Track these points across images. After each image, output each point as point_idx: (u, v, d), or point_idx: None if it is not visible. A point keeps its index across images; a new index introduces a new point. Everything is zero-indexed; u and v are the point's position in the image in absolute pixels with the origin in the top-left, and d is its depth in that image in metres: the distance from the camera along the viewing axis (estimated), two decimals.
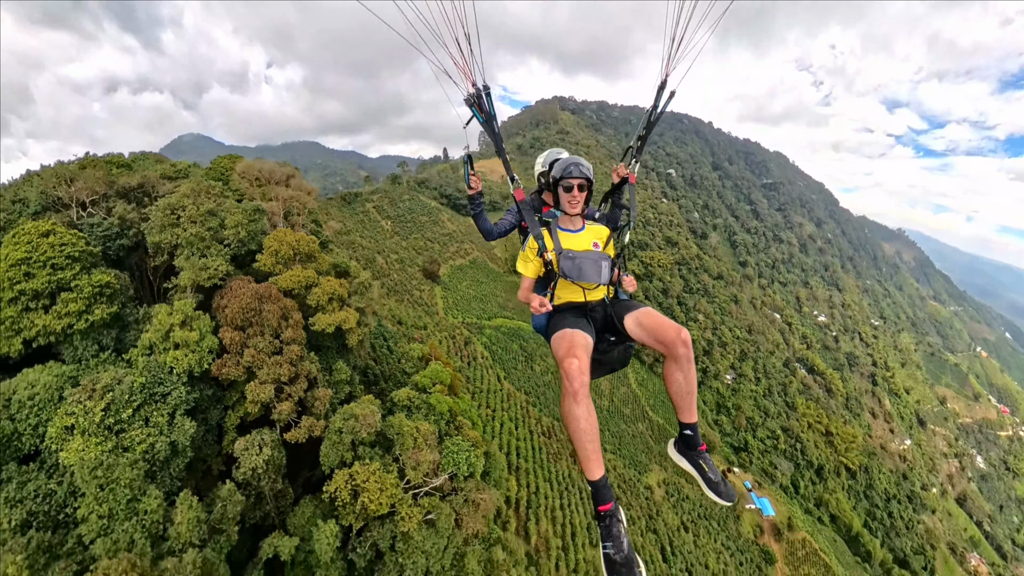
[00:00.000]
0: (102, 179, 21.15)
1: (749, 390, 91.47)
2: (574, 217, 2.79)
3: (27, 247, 14.65)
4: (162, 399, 13.09)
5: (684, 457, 2.47)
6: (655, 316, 2.45)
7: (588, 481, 2.11)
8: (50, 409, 11.80)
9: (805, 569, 56.83)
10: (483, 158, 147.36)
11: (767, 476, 75.39)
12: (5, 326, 13.86)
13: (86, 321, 14.59)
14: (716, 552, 44.98)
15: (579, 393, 2.03)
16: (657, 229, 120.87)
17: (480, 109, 2.41)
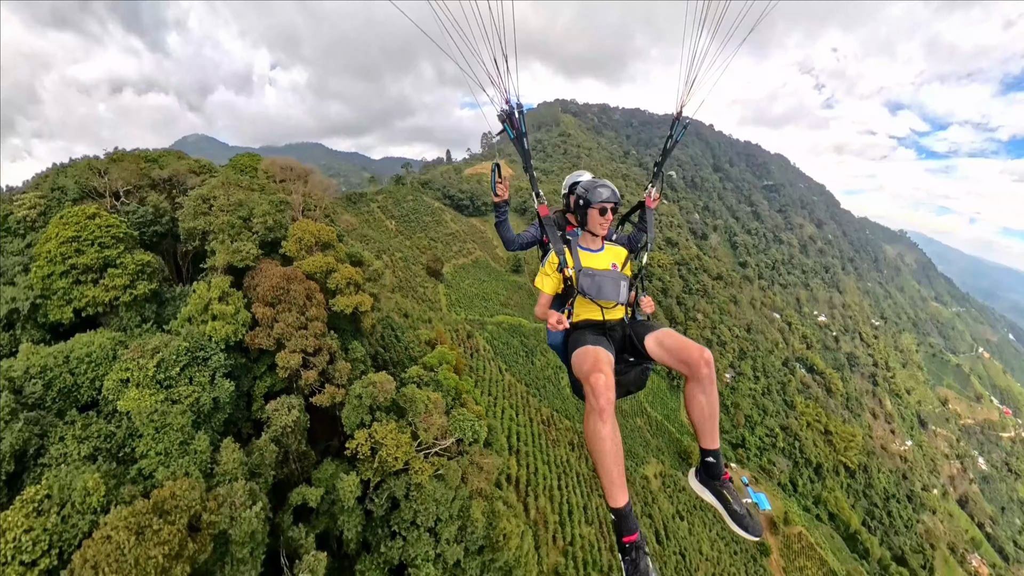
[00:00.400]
0: (135, 171, 23.22)
1: (748, 388, 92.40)
2: (595, 237, 2.82)
3: (76, 227, 16.62)
4: (203, 362, 14.95)
5: (707, 488, 2.33)
6: (677, 337, 2.41)
7: (611, 509, 1.99)
8: (106, 366, 13.66)
9: (800, 562, 57.75)
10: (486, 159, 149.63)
11: (764, 472, 76.28)
12: (58, 296, 15.78)
13: (130, 295, 16.52)
14: (710, 540, 46.19)
15: (605, 411, 1.95)
16: (657, 230, 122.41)
17: (512, 125, 2.47)
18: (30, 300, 14.83)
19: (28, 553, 8.30)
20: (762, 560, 53.24)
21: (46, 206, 20.66)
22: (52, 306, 15.20)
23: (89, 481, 9.86)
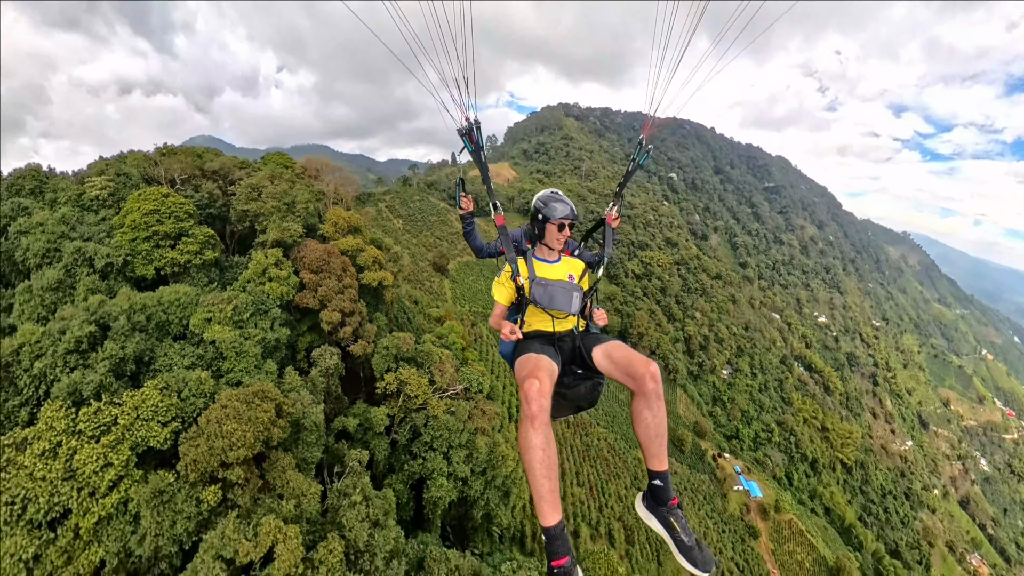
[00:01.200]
0: (189, 164, 28.02)
1: (745, 384, 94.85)
2: (551, 249, 2.88)
3: (155, 202, 21.19)
4: (264, 313, 19.39)
5: (653, 514, 2.19)
6: (624, 349, 2.37)
7: (542, 528, 1.87)
8: (191, 309, 18.04)
9: (790, 547, 60.40)
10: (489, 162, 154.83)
11: (759, 464, 78.62)
12: (142, 256, 20.29)
13: (200, 259, 21.07)
14: (698, 518, 49.44)
15: (537, 418, 1.87)
16: (657, 230, 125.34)
17: (471, 140, 2.57)
18: (121, 257, 19.34)
19: (163, 416, 12.49)
20: (750, 542, 56.17)
21: (114, 188, 25.27)
22: (138, 263, 19.72)
23: (201, 375, 14.24)
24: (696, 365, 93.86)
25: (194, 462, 10.48)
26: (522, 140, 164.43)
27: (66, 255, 17.76)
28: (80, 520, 9.36)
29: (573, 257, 3.04)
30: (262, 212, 23.79)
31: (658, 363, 26.99)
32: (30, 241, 18.38)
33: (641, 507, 2.28)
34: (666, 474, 2.18)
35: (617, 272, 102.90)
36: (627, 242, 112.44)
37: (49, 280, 16.76)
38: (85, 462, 9.72)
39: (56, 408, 10.71)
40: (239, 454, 10.98)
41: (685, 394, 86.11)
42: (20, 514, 9.11)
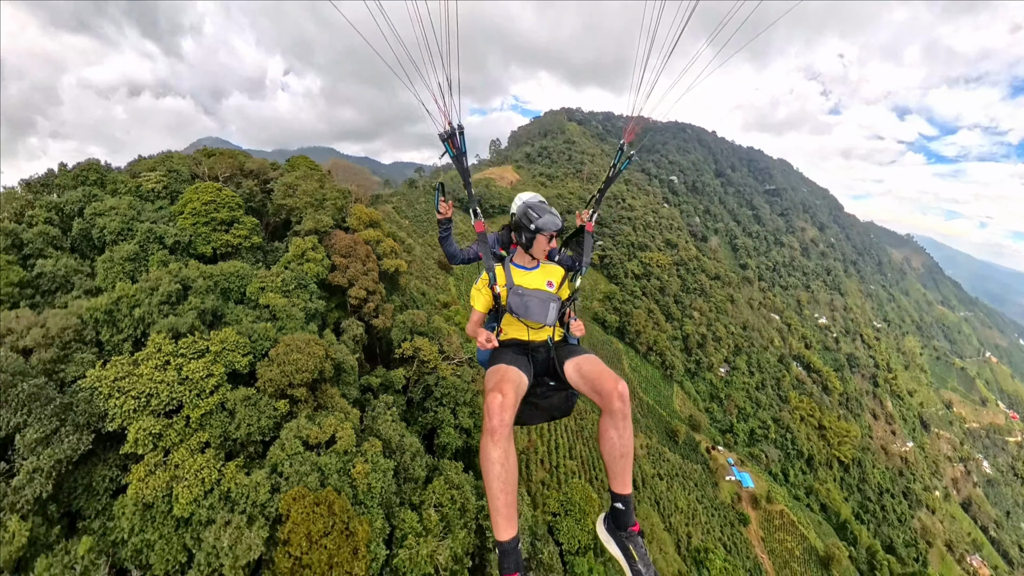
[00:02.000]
0: (231, 164, 32.23)
1: (742, 382, 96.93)
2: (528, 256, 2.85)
3: (211, 194, 25.28)
4: (304, 287, 23.29)
5: (612, 538, 2.18)
6: (596, 364, 2.37)
7: (496, 542, 1.89)
8: (248, 279, 21.91)
9: (780, 535, 62.61)
10: (494, 165, 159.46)
11: (753, 459, 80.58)
12: (202, 237, 24.31)
13: (249, 242, 25.08)
14: (688, 501, 52.17)
15: (497, 432, 1.87)
16: (657, 232, 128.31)
17: (452, 145, 2.53)
18: (187, 237, 23.39)
19: (241, 350, 16.26)
20: (739, 528, 58.57)
21: (167, 182, 29.41)
22: (199, 243, 23.76)
23: (267, 326, 18.08)
24: (693, 363, 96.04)
25: (270, 380, 14.20)
26: (525, 144, 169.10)
27: (139, 234, 21.80)
28: (190, 412, 13.06)
29: (551, 263, 3.00)
30: (296, 206, 27.85)
31: (655, 360, 33.30)
32: (106, 221, 22.45)
33: (602, 529, 2.25)
34: (629, 498, 2.15)
35: (617, 272, 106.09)
36: (627, 243, 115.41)
37: (127, 252, 20.76)
38: (194, 371, 13.47)
39: (162, 337, 14.51)
40: (303, 377, 14.71)
41: (682, 390, 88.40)
42: (145, 404, 12.84)
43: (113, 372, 13.20)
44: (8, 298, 17.17)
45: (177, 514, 10.71)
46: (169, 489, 10.99)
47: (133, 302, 16.51)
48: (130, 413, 12.46)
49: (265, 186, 31.06)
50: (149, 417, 12.51)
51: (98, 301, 15.93)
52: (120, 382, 12.91)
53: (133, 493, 10.86)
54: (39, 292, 18.34)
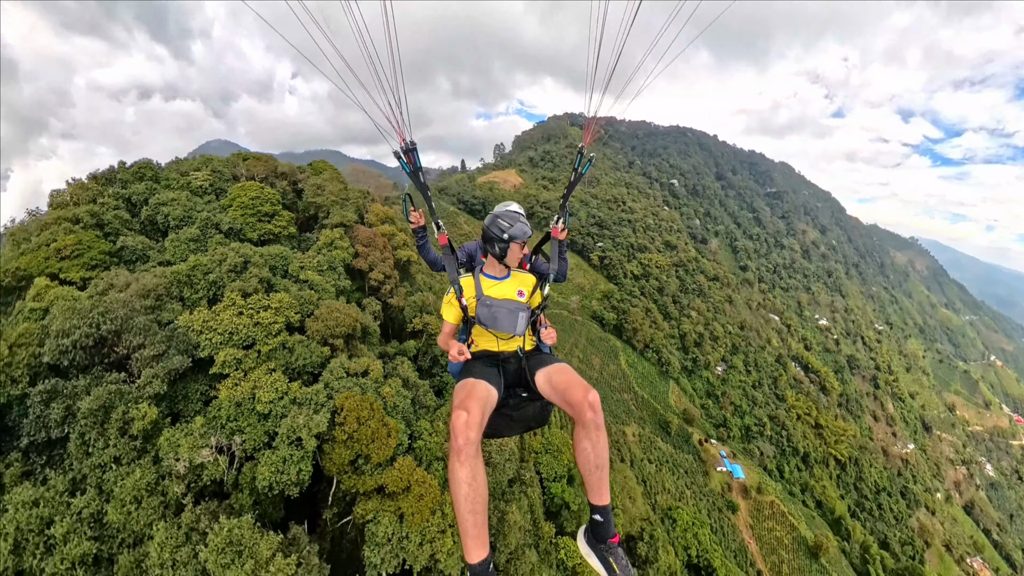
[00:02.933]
0: (266, 166, 37.64)
1: (738, 380, 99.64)
2: (500, 265, 2.85)
3: (256, 191, 30.54)
4: (333, 269, 28.32)
5: (593, 552, 2.17)
6: (567, 374, 2.37)
7: (467, 565, 1.86)
8: (288, 260, 26.93)
9: (769, 524, 65.36)
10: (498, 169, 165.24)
11: (747, 453, 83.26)
12: (250, 226, 29.47)
13: (287, 232, 30.24)
14: (676, 484, 55.79)
15: (463, 451, 1.86)
16: (657, 234, 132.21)
17: (409, 161, 2.55)
18: (238, 225, 28.61)
19: (293, 308, 21.10)
20: (727, 514, 61.68)
21: (212, 180, 34.74)
22: (247, 230, 28.97)
23: (310, 292, 23.05)
24: (690, 360, 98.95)
25: (316, 331, 19.10)
26: (528, 148, 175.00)
27: (199, 220, 27.06)
28: (261, 347, 17.89)
29: (522, 272, 2.99)
30: (324, 204, 33.13)
31: (652, 356, 41.21)
32: (169, 210, 27.74)
33: (583, 543, 2.25)
34: (607, 509, 2.14)
35: (616, 273, 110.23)
36: (626, 245, 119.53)
37: (190, 234, 25.98)
38: (263, 318, 18.38)
39: (236, 294, 19.50)
40: (340, 331, 19.62)
41: (678, 386, 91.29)
42: (228, 339, 17.71)
43: (200, 317, 18.12)
44: (100, 264, 22.33)
45: (260, 410, 15.43)
46: (252, 394, 15.72)
47: (206, 269, 21.55)
48: (217, 345, 17.32)
49: (295, 186, 36.43)
50: (232, 348, 17.35)
51: (179, 267, 21.01)
52: (207, 323, 17.83)
53: (226, 394, 15.64)
54: (122, 262, 23.50)
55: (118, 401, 14.34)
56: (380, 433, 14.65)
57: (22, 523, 10.77)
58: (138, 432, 13.83)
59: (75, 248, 21.39)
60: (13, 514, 10.83)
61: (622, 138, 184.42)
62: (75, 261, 20.93)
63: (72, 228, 22.91)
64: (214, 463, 13.26)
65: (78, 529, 10.86)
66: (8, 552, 10.38)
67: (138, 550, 10.82)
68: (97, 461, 13.06)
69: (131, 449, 13.63)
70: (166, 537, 10.63)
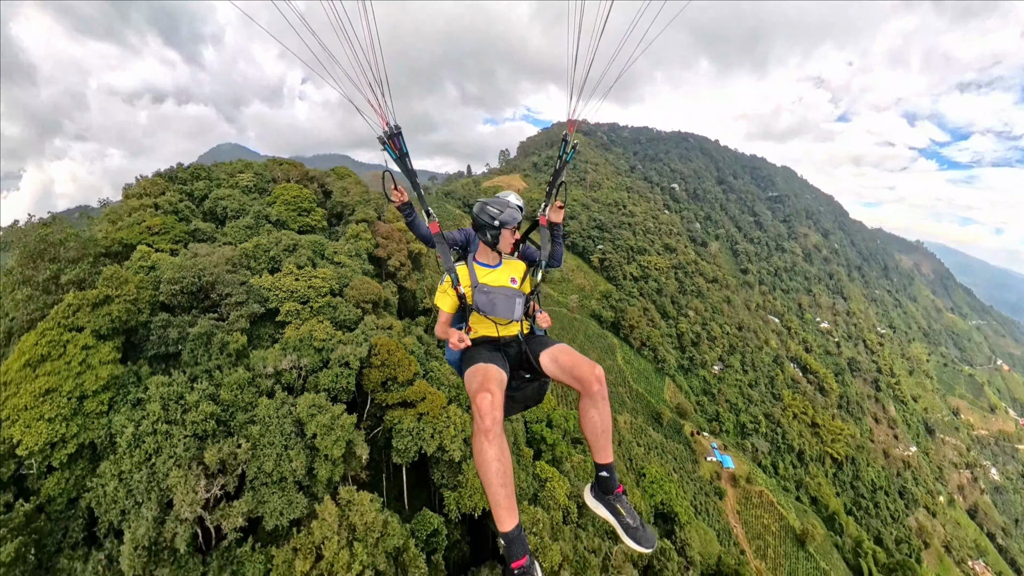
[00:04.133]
0: (299, 171, 45.06)
1: (734, 379, 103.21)
2: (493, 252, 2.98)
3: (296, 191, 37.76)
4: (359, 256, 35.22)
5: (600, 502, 2.48)
6: (571, 353, 2.56)
7: (500, 533, 2.04)
8: (325, 246, 33.88)
9: (757, 512, 69.00)
10: (503, 174, 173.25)
11: (741, 449, 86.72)
12: (292, 218, 36.56)
13: (321, 224, 37.30)
14: (665, 470, 60.62)
15: (491, 431, 2.02)
16: (656, 237, 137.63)
17: (394, 146, 2.57)
18: (284, 217, 35.74)
19: (329, 283, 27.87)
20: (714, 498, 65.79)
21: (255, 181, 42.07)
22: (290, 222, 36.07)
23: (345, 270, 29.93)
24: (687, 359, 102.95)
25: (352, 297, 25.77)
26: (533, 154, 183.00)
27: (251, 212, 34.22)
28: (313, 304, 24.55)
29: (512, 258, 3.10)
30: (350, 203, 40.35)
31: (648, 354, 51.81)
32: (227, 203, 34.95)
33: (590, 497, 2.56)
34: (612, 465, 2.47)
35: (615, 274, 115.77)
36: (626, 247, 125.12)
37: (246, 223, 33.09)
38: (315, 284, 25.14)
39: (292, 265, 26.36)
40: (370, 298, 26.29)
41: (673, 383, 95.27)
42: (289, 296, 24.41)
43: (267, 280, 24.84)
44: (181, 240, 29.38)
45: (315, 345, 21.92)
46: (310, 334, 22.23)
47: (266, 248, 28.50)
48: (281, 299, 24.01)
49: (323, 188, 43.75)
50: (292, 302, 24.00)
51: (246, 245, 28.00)
52: (274, 285, 24.56)
53: (291, 334, 22.20)
54: (195, 240, 30.55)
55: (216, 331, 20.92)
56: (403, 362, 21.06)
57: (164, 394, 17.13)
58: (232, 351, 20.35)
59: (161, 227, 28.42)
60: (155, 390, 17.19)
61: (624, 143, 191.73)
62: (163, 236, 27.94)
63: (155, 212, 30.02)
64: (290, 371, 19.72)
65: (202, 398, 17.25)
66: (160, 409, 16.74)
67: (248, 413, 17.20)
68: (204, 368, 19.49)
69: (229, 362, 20.12)
70: (268, 403, 17.08)
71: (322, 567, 13.31)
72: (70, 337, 16.24)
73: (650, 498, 43.63)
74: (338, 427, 16.71)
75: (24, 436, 13.16)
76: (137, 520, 12.66)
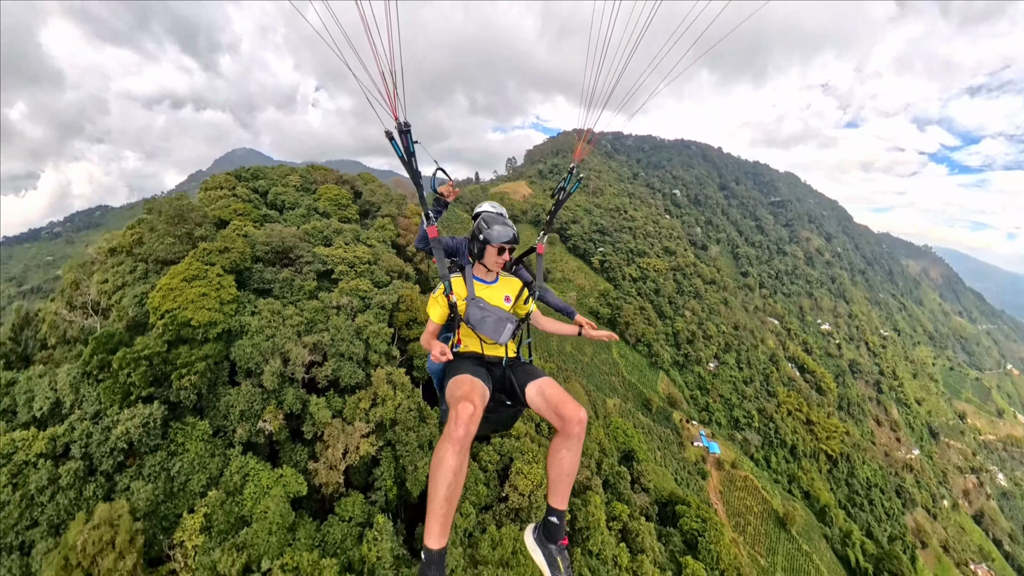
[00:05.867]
0: (334, 176, 57.80)
1: (728, 375, 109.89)
2: (490, 269, 3.09)
3: (336, 191, 50.18)
4: (385, 243, 47.08)
5: (540, 549, 2.50)
6: (558, 389, 2.67)
7: (425, 548, 2.05)
8: (360, 233, 45.87)
9: (740, 495, 75.55)
10: (509, 181, 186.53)
11: (731, 439, 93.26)
12: (334, 212, 48.86)
13: (355, 218, 49.52)
14: (649, 448, 69.29)
15: (460, 442, 2.05)
16: (656, 240, 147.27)
17: (400, 143, 2.56)
18: (328, 211, 48.05)
19: (367, 256, 39.54)
20: (697, 477, 73.05)
21: (301, 183, 54.62)
22: (333, 214, 48.30)
23: (376, 249, 41.77)
24: (682, 356, 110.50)
25: (382, 267, 37.30)
26: (538, 161, 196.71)
27: (303, 205, 46.49)
28: (358, 269, 36.01)
29: (510, 276, 3.22)
30: (377, 201, 52.56)
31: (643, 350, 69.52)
32: (284, 197, 47.35)
33: (530, 539, 2.59)
34: (563, 513, 2.51)
35: (615, 275, 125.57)
36: (626, 250, 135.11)
37: (300, 213, 45.31)
38: (358, 255, 36.74)
39: (342, 241, 38.19)
40: (395, 270, 37.88)
41: (668, 377, 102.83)
42: (341, 260, 35.95)
43: (324, 250, 36.41)
44: (258, 221, 41.39)
45: (360, 295, 33.21)
46: (356, 288, 33.68)
47: (320, 229, 40.39)
48: (335, 263, 35.56)
49: (353, 189, 56.25)
50: (343, 266, 35.47)
51: (305, 227, 39.93)
52: (329, 254, 36.18)
53: (343, 286, 33.50)
54: (266, 222, 42.63)
55: (294, 277, 32.36)
56: (422, 308, 32.16)
57: (270, 308, 28.22)
58: (309, 290, 31.69)
59: (243, 210, 40.44)
60: (264, 305, 28.27)
61: (628, 151, 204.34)
62: (245, 217, 39.90)
63: (237, 198, 42.29)
64: (346, 307, 30.95)
65: (294, 313, 28.38)
66: (265, 324, 27.78)
67: (324, 323, 28.28)
68: (289, 300, 30.68)
69: (305, 297, 31.43)
70: (336, 319, 28.35)
71: (377, 403, 24.03)
72: (207, 269, 27.42)
73: (614, 440, 52.95)
74: (382, 333, 27.86)
75: (194, 315, 24.02)
76: (270, 365, 23.63)
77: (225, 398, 23.20)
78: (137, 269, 29.98)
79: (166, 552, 17.15)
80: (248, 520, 18.17)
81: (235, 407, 22.63)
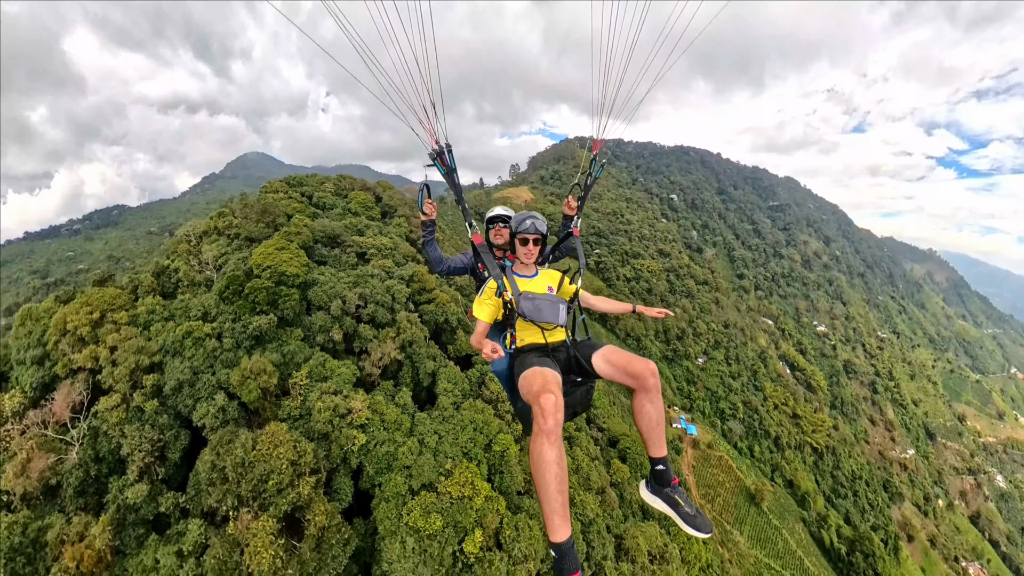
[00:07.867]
0: (360, 183, 76.59)
1: (716, 370, 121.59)
2: (528, 264, 3.54)
3: (363, 196, 68.57)
4: (402, 236, 64.74)
5: (657, 495, 2.83)
6: (621, 352, 2.94)
7: (552, 544, 2.18)
8: (382, 227, 63.77)
9: (714, 472, 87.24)
10: (512, 186, 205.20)
11: (714, 428, 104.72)
12: (363, 211, 66.86)
13: (379, 218, 67.59)
14: (623, 422, 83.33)
15: (553, 433, 2.21)
16: (651, 243, 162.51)
17: (443, 163, 3.18)
18: (359, 211, 66.30)
19: (391, 243, 57.08)
20: (670, 452, 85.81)
21: (337, 188, 73.13)
22: (362, 214, 66.43)
23: (397, 240, 59.61)
24: (671, 351, 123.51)
25: (400, 253, 54.78)
26: (541, 168, 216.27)
27: (339, 206, 64.77)
28: (384, 252, 53.54)
29: (547, 268, 3.65)
30: (394, 204, 70.70)
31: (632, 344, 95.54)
32: (325, 200, 65.88)
33: (646, 492, 2.93)
34: (666, 459, 2.84)
35: (610, 276, 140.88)
36: (621, 252, 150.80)
37: (338, 212, 63.47)
38: (384, 243, 54.39)
39: (373, 234, 55.96)
40: (411, 255, 55.32)
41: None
42: (372, 245, 53.47)
43: (360, 239, 53.86)
44: (311, 215, 59.31)
45: (385, 270, 50.33)
46: (384, 264, 50.63)
47: (356, 225, 58.25)
48: (369, 248, 52.95)
49: (374, 194, 74.70)
50: (373, 249, 52.78)
51: (344, 221, 57.69)
52: (365, 241, 53.63)
53: (374, 263, 50.67)
54: (315, 217, 60.52)
55: (342, 254, 49.80)
56: (431, 282, 49.44)
57: (330, 272, 45.44)
58: (351, 264, 49.11)
59: (300, 208, 58.38)
60: (325, 271, 45.50)
61: (628, 157, 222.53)
62: (302, 214, 57.76)
63: (292, 200, 60.51)
64: (380, 274, 48.17)
65: (346, 276, 45.59)
66: (327, 280, 44.94)
67: (368, 283, 45.55)
68: (339, 270, 47.78)
69: (349, 266, 48.64)
70: (374, 280, 45.59)
71: (401, 332, 40.84)
72: (289, 244, 44.58)
73: None
74: (403, 291, 45.11)
75: (287, 268, 41.02)
76: (335, 303, 40.66)
77: (307, 319, 39.95)
78: (233, 243, 47.74)
79: (287, 388, 33.67)
80: (328, 378, 34.62)
81: (315, 323, 39.44)
